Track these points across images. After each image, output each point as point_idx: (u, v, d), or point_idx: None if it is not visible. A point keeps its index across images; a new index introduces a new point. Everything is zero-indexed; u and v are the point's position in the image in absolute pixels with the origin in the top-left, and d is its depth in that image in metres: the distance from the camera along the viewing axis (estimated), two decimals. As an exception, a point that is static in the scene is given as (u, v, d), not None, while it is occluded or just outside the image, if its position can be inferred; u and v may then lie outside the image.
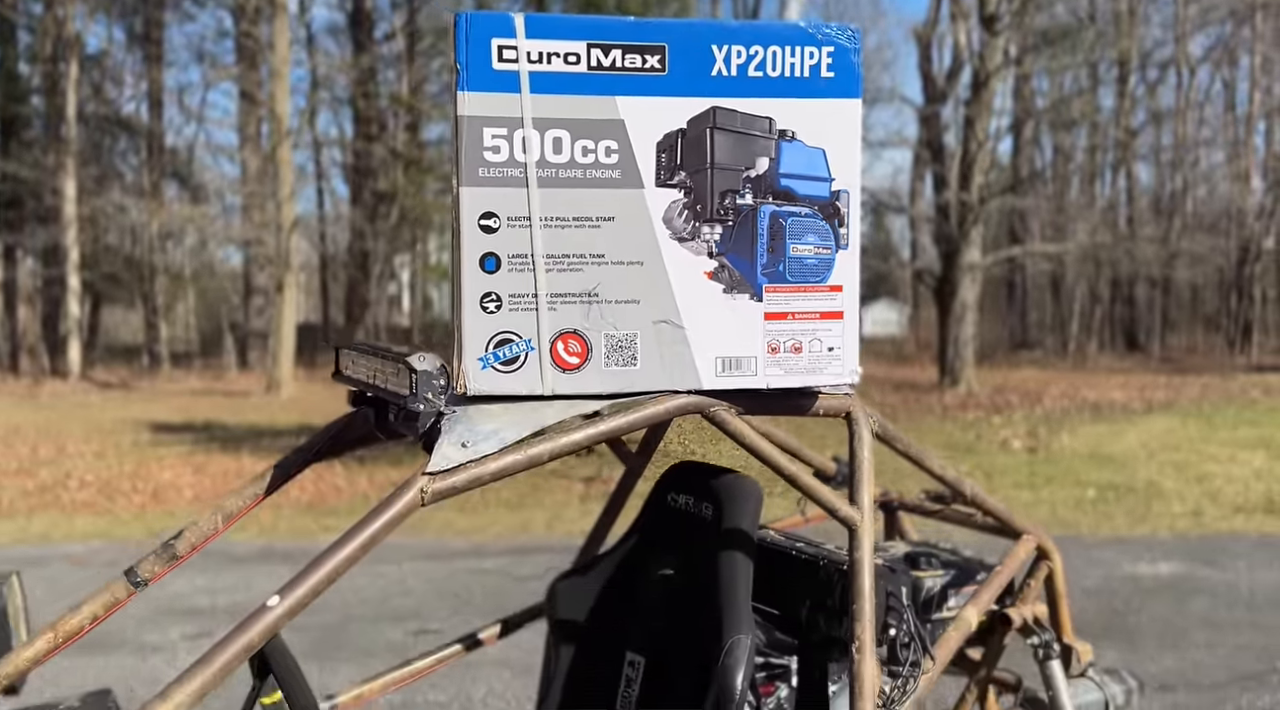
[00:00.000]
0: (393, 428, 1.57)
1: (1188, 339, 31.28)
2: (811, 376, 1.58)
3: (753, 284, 1.53)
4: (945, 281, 18.48)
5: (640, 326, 1.51)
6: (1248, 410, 13.00)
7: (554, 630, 2.00)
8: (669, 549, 1.88)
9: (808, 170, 1.52)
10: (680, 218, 1.50)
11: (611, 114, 1.47)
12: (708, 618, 1.69)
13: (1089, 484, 8.31)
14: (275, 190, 19.55)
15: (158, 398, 19.44)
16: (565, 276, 1.48)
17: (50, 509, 8.42)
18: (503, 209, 1.45)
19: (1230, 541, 6.44)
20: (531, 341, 1.47)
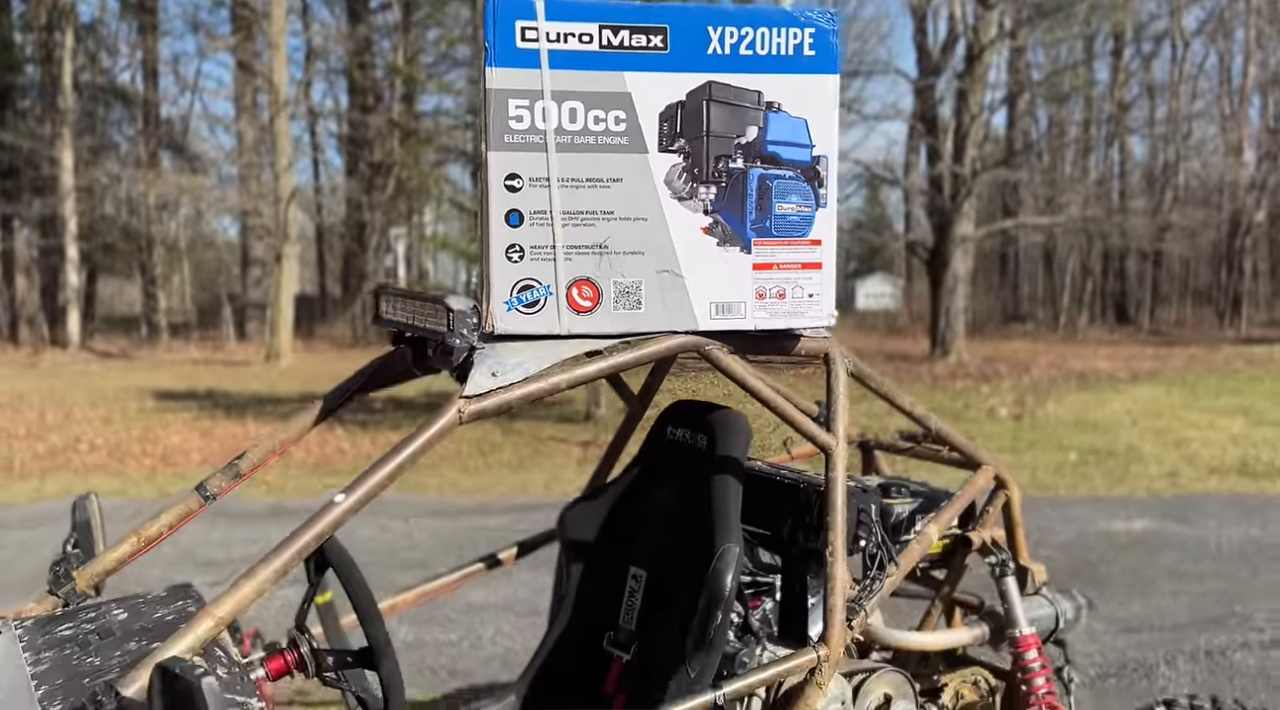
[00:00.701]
0: (429, 363, 1.80)
1: (1178, 312, 31.56)
2: (794, 319, 1.81)
3: (742, 238, 1.76)
4: (937, 254, 18.67)
5: (644, 275, 1.73)
6: (1230, 380, 13.28)
7: (565, 550, 2.24)
8: (668, 476, 2.12)
9: (791, 137, 1.74)
10: (679, 179, 1.72)
11: (620, 88, 1.69)
12: (702, 534, 1.93)
13: (1071, 448, 8.59)
14: (273, 161, 19.62)
15: (158, 367, 19.60)
16: (579, 230, 1.70)
17: (63, 471, 8.65)
18: (525, 171, 1.67)
19: (1203, 501, 6.71)
20: (550, 287, 1.70)
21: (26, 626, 1.61)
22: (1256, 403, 11.07)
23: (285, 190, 19.44)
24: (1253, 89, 30.30)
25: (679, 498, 2.08)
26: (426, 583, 2.25)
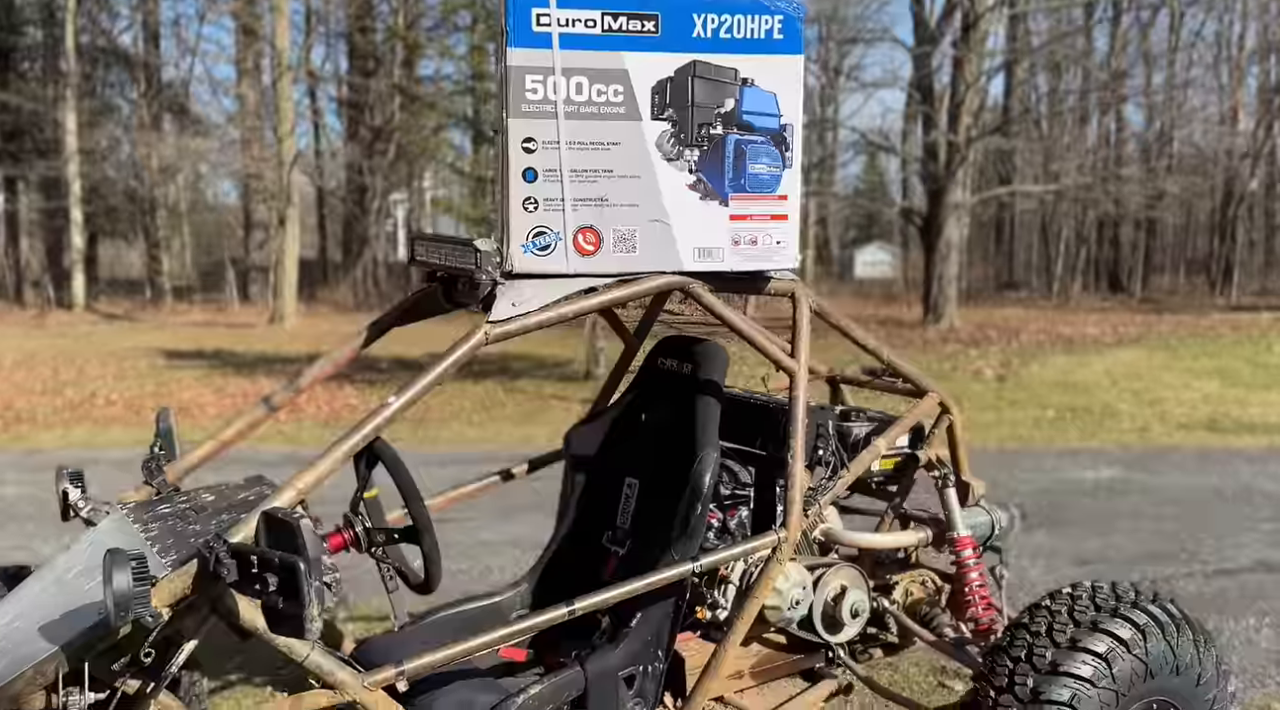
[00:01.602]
0: (457, 297, 2.14)
1: (1171, 281, 31.87)
2: (764, 262, 2.15)
3: (721, 193, 2.09)
4: (932, 220, 18.94)
5: (638, 223, 2.07)
6: (1212, 344, 13.64)
7: (569, 466, 2.60)
8: (658, 400, 2.47)
9: (763, 108, 2.08)
10: (668, 143, 2.05)
11: (618, 65, 2.01)
12: (687, 446, 2.28)
13: (1050, 406, 8.96)
14: (276, 125, 19.79)
15: (164, 328, 19.91)
16: (584, 185, 2.03)
17: (83, 422, 9.02)
18: (539, 135, 2.00)
19: (1169, 453, 7.10)
20: (559, 233, 2.04)
21: (131, 507, 1.97)
22: (1233, 365, 11.44)
23: (288, 154, 19.65)
24: (1250, 57, 30.38)
25: (667, 417, 2.43)
26: (453, 490, 2.61)
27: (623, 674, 2.12)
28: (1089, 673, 2.02)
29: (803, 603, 2.36)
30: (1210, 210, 30.75)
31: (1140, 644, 2.09)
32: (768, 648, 2.54)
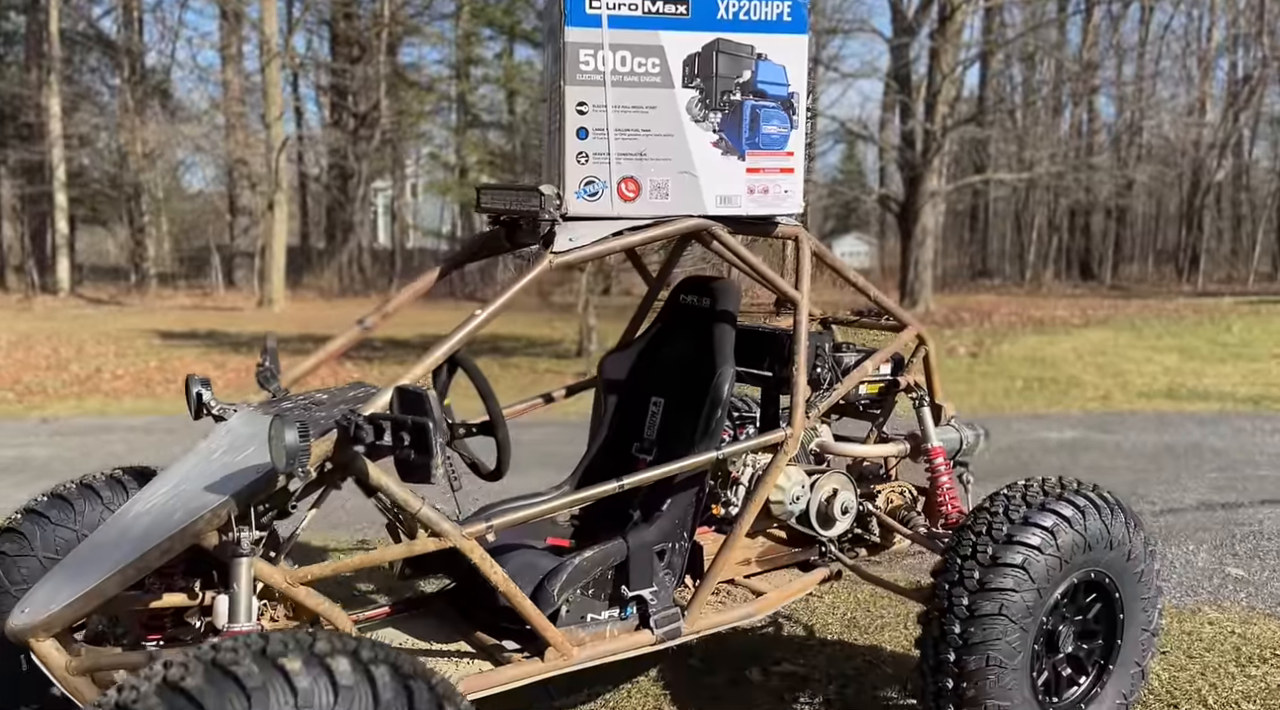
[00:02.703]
0: (519, 238, 2.56)
1: (1140, 269, 32.67)
2: (774, 208, 2.58)
3: (739, 149, 2.53)
4: (908, 207, 19.48)
5: (671, 175, 2.50)
6: (1175, 325, 14.27)
7: (602, 388, 3.02)
8: (680, 330, 2.90)
9: (774, 79, 2.51)
10: (696, 108, 2.48)
11: (655, 42, 2.44)
12: (705, 368, 2.72)
13: (1019, 378, 9.49)
14: (264, 111, 20.01)
15: (152, 312, 20.10)
16: (626, 142, 2.46)
17: (94, 394, 9.34)
18: (590, 99, 2.42)
19: (1128, 417, 7.62)
20: (606, 182, 2.46)
21: (256, 405, 2.38)
22: (1193, 343, 12.04)
23: (276, 139, 19.87)
24: (1218, 50, 31.17)
25: (688, 345, 2.86)
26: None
27: (656, 548, 2.56)
28: (1037, 542, 2.47)
29: (801, 499, 2.81)
30: (1179, 201, 31.56)
31: (1080, 522, 2.54)
32: (771, 542, 2.99)
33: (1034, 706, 2.52)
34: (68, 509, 2.54)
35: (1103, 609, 2.67)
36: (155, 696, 1.48)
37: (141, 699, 1.48)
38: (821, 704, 3.03)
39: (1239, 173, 33.20)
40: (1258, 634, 3.51)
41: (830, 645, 3.45)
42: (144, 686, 1.50)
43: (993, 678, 2.42)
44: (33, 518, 2.53)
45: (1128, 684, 2.73)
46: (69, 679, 1.94)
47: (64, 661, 1.95)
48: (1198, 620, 3.64)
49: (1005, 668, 2.43)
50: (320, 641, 1.61)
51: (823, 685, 3.15)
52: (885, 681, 3.17)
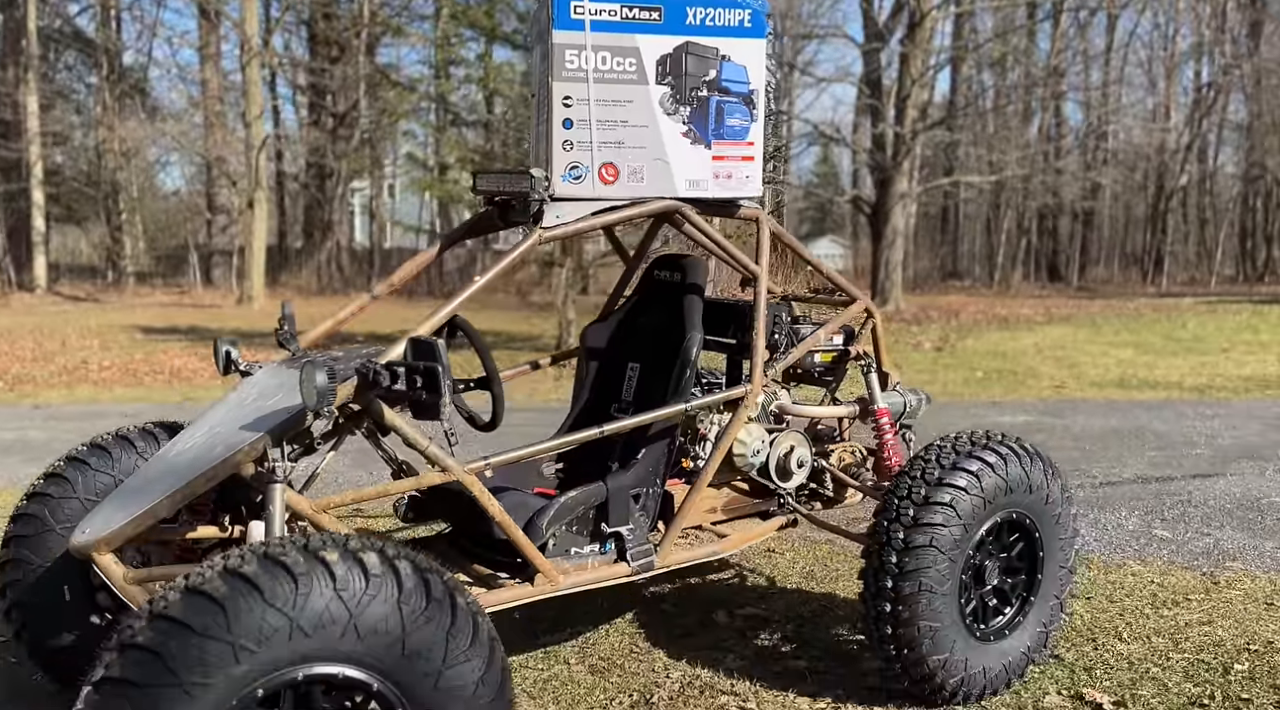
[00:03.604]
0: (510, 217, 2.88)
1: (1106, 271, 33.42)
2: (736, 191, 2.93)
3: (705, 139, 2.87)
4: (879, 208, 19.97)
5: (646, 161, 2.84)
6: (1133, 322, 14.79)
7: (584, 356, 3.35)
8: (654, 303, 3.24)
9: (737, 78, 2.85)
10: (668, 102, 2.82)
11: (632, 44, 2.77)
12: (676, 337, 3.06)
13: (979, 369, 9.91)
14: (244, 110, 20.15)
15: (131, 309, 20.19)
16: (606, 132, 2.79)
17: (83, 384, 9.54)
18: (574, 94, 2.75)
19: (1079, 404, 8.05)
20: (588, 167, 2.79)
21: (278, 362, 2.69)
22: (1149, 338, 12.54)
23: (257, 138, 20.03)
24: (1183, 56, 31.97)
25: (662, 315, 3.19)
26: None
27: (632, 491, 2.89)
28: (963, 483, 2.83)
29: (761, 453, 3.15)
30: (1145, 205, 32.32)
31: (1003, 467, 2.90)
32: (734, 493, 3.33)
33: (962, 630, 2.88)
34: (106, 456, 2.84)
35: (1024, 547, 3.03)
36: (219, 579, 1.80)
37: (207, 581, 1.80)
38: (781, 640, 3.38)
39: (1203, 178, 34.06)
40: (1173, 583, 3.89)
41: (789, 593, 3.80)
42: (209, 572, 1.82)
43: (924, 601, 2.77)
44: (75, 464, 2.82)
45: (1047, 614, 3.09)
46: (126, 587, 2.25)
47: (121, 572, 2.25)
48: (1122, 572, 4.02)
49: (935, 593, 2.78)
50: (353, 540, 1.93)
51: (782, 625, 3.49)
52: (838, 622, 3.52)
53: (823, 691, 3.00)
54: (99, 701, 1.72)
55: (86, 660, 2.75)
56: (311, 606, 1.81)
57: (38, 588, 2.74)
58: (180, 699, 1.74)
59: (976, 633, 2.94)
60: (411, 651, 1.90)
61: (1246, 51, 29.74)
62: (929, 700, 2.88)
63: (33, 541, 2.75)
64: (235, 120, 25.15)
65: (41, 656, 2.81)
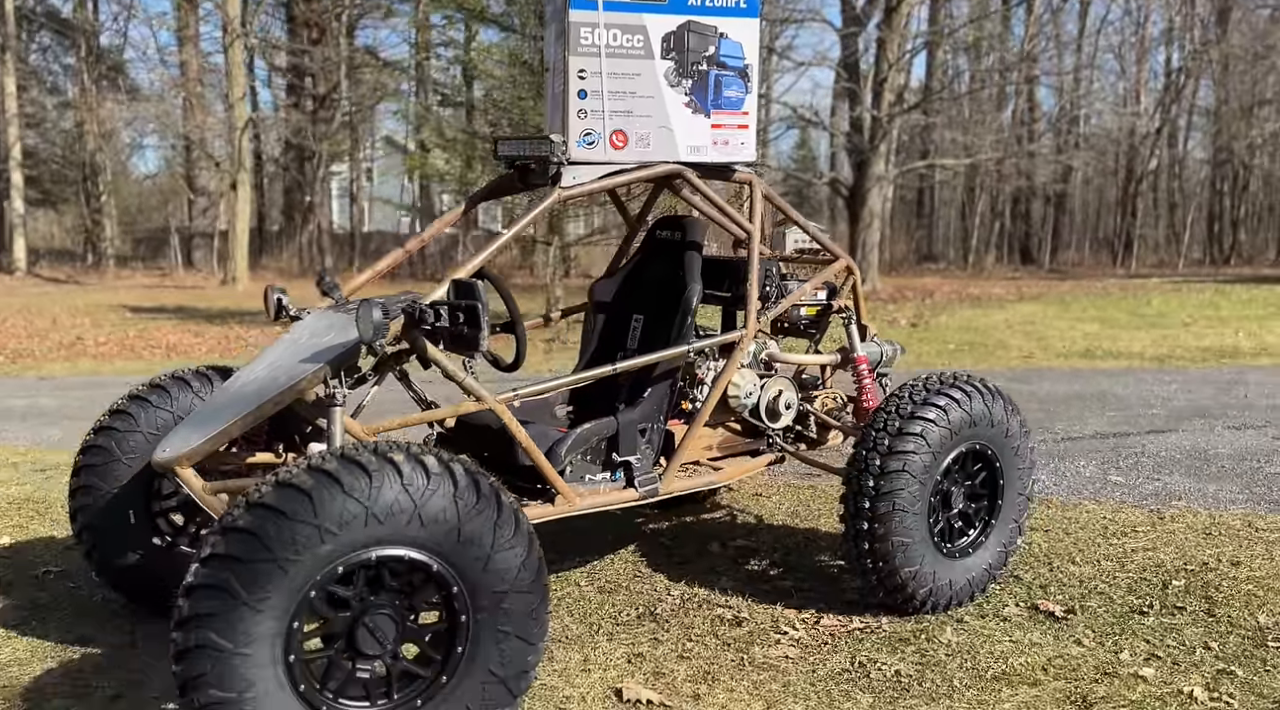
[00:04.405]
0: (530, 180, 3.20)
1: (1077, 254, 34.06)
2: (733, 156, 3.26)
3: (705, 109, 3.20)
4: (857, 191, 20.35)
5: (652, 129, 3.16)
6: (1101, 300, 15.29)
7: (591, 309, 3.69)
8: (656, 260, 3.57)
9: (733, 53, 3.19)
10: (672, 75, 3.15)
11: (640, 22, 3.10)
12: (678, 288, 3.39)
13: (951, 342, 10.33)
14: (227, 91, 20.21)
15: (115, 290, 20.26)
16: (617, 102, 3.12)
17: (82, 358, 9.75)
18: (588, 67, 3.07)
19: (1045, 372, 8.47)
20: (600, 134, 3.12)
21: (325, 308, 3.01)
22: (1115, 314, 13.02)
23: (240, 120, 20.10)
24: (1153, 43, 32.57)
25: (664, 270, 3.53)
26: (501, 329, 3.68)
27: (639, 426, 3.23)
28: (933, 416, 3.19)
29: (752, 396, 3.50)
30: (1116, 190, 32.96)
31: (967, 403, 3.26)
32: (728, 433, 3.68)
33: (931, 547, 3.24)
34: (165, 395, 3.14)
35: (986, 476, 3.41)
36: (305, 474, 2.13)
37: (296, 476, 2.13)
38: (769, 565, 3.74)
39: (1173, 162, 34.76)
40: (1124, 518, 4.29)
41: (775, 528, 4.17)
42: (295, 469, 2.15)
43: (897, 520, 3.13)
44: (137, 402, 3.13)
45: (1007, 536, 3.46)
46: (205, 497, 2.56)
47: (201, 484, 2.57)
48: (1078, 510, 4.42)
49: (907, 512, 3.15)
50: (414, 447, 2.27)
51: (769, 553, 3.86)
52: (819, 551, 3.89)
53: (806, 605, 3.37)
54: (208, 574, 2.05)
55: (149, 577, 3.08)
56: (383, 498, 2.14)
57: (105, 512, 3.05)
58: (275, 573, 2.06)
59: (944, 550, 3.30)
60: (465, 538, 2.23)
61: (1215, 37, 30.34)
62: (901, 609, 3.25)
63: (101, 470, 3.05)
64: (214, 102, 25.15)
65: (109, 574, 3.12)
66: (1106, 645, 3.05)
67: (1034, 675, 2.86)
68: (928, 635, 3.13)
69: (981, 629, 3.18)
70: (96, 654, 2.96)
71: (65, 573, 3.63)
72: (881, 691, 2.77)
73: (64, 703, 2.65)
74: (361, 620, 2.19)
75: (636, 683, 2.79)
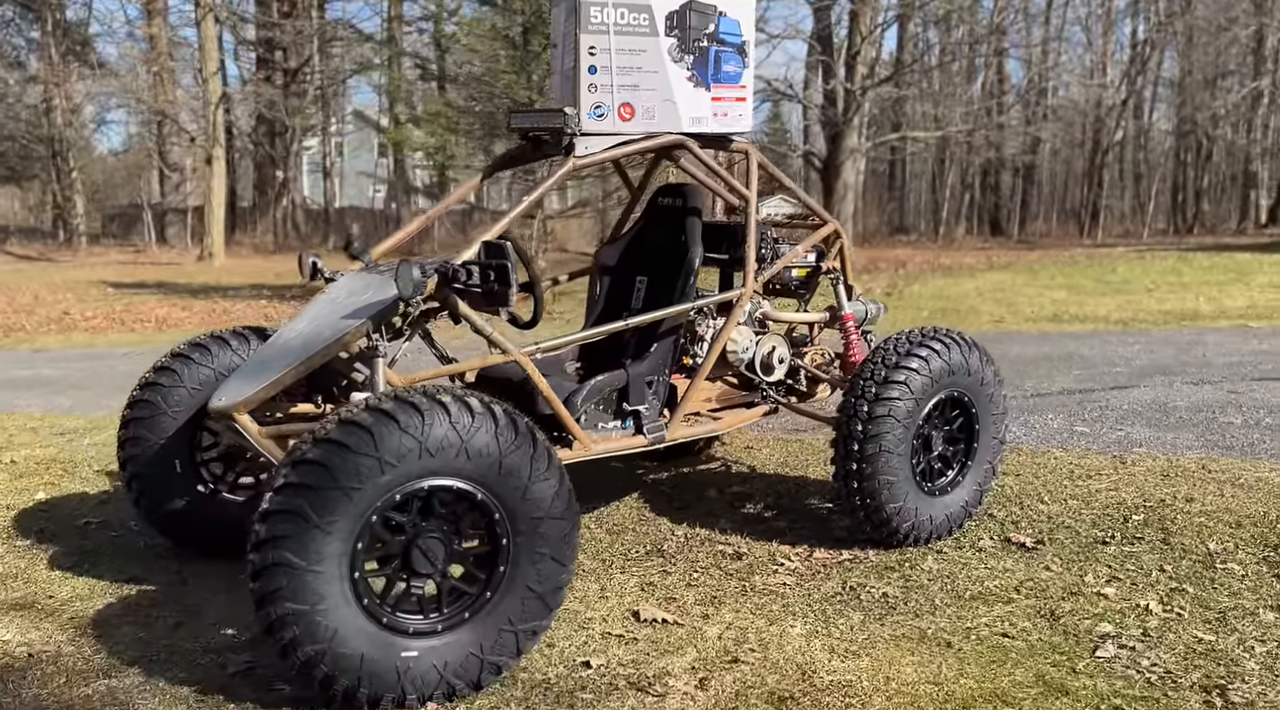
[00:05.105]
0: (544, 149, 3.44)
1: (1045, 225, 34.64)
2: (731, 127, 3.52)
3: (706, 83, 3.45)
4: (830, 163, 20.67)
5: (656, 101, 3.41)
6: (1068, 268, 15.73)
7: (597, 272, 3.94)
8: (658, 225, 3.83)
9: (732, 31, 3.43)
10: (675, 51, 3.39)
11: (646, 2, 3.33)
12: (680, 251, 3.66)
13: (925, 309, 10.68)
14: (200, 65, 20.08)
15: (91, 267, 20.18)
16: (624, 76, 3.36)
17: (73, 330, 9.86)
18: (598, 44, 3.31)
19: (1015, 335, 8.83)
20: (609, 107, 3.36)
21: (358, 271, 3.24)
22: (1081, 281, 13.44)
23: (214, 94, 20.00)
24: (1120, 14, 33.02)
25: (666, 235, 3.79)
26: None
27: (647, 378, 3.50)
28: (915, 366, 3.48)
29: (748, 351, 3.77)
30: (1084, 162, 33.51)
31: (946, 353, 3.56)
32: (726, 387, 3.96)
33: (914, 486, 3.55)
34: (207, 353, 3.37)
35: (963, 421, 3.72)
36: (364, 412, 2.38)
37: (357, 415, 2.38)
38: (763, 508, 4.04)
39: (1138, 133, 35.35)
40: (1088, 463, 4.64)
41: (768, 477, 4.47)
42: (356, 409, 2.40)
43: (883, 460, 3.44)
44: (180, 359, 3.35)
45: (982, 477, 3.78)
46: (263, 441, 2.81)
47: (257, 429, 2.81)
48: (1046, 457, 4.76)
49: (892, 453, 3.45)
50: (458, 390, 2.52)
51: (763, 498, 4.16)
52: (809, 495, 4.20)
53: (799, 541, 3.67)
54: (283, 501, 2.30)
55: (194, 521, 3.33)
56: (434, 434, 2.40)
57: (153, 461, 3.29)
58: (341, 499, 2.32)
59: (925, 489, 3.61)
60: (506, 470, 2.50)
61: (1179, 9, 30.82)
62: (886, 542, 3.56)
63: (148, 422, 3.28)
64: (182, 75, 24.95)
65: (156, 519, 3.36)
66: (1072, 570, 3.38)
67: (1007, 595, 3.18)
68: (911, 564, 3.44)
69: (959, 558, 3.50)
70: (151, 590, 3.21)
71: (106, 523, 3.86)
72: (871, 610, 3.08)
73: (131, 630, 2.90)
74: (415, 543, 2.46)
75: (651, 606, 3.09)
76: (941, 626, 2.96)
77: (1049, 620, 3.00)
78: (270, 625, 2.32)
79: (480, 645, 2.50)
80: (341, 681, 2.36)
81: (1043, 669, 2.69)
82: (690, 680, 2.63)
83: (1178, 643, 2.84)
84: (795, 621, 2.99)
